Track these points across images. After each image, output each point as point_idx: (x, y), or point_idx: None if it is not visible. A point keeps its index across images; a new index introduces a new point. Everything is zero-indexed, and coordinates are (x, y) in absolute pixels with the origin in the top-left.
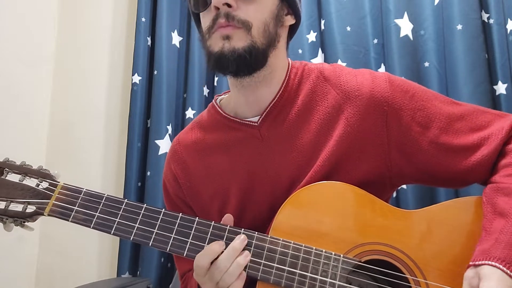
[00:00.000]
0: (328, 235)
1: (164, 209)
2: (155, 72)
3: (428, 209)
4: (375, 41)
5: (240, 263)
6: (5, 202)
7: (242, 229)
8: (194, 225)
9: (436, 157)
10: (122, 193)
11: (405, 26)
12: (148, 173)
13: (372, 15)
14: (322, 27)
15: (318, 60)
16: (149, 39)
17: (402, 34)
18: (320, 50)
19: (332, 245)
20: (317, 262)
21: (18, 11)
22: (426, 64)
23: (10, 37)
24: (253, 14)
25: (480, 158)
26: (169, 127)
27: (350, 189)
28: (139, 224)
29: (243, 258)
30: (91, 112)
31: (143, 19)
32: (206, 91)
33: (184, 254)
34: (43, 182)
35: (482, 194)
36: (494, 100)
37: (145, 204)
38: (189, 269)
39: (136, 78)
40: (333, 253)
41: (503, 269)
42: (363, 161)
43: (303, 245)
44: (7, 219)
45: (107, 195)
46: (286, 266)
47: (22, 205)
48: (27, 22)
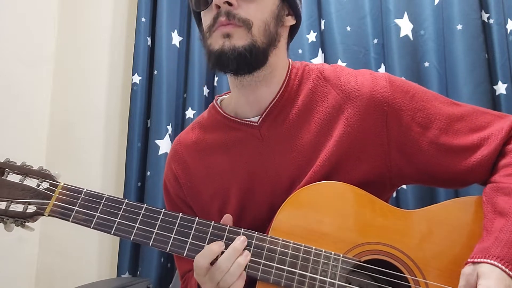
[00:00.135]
0: (328, 235)
1: (164, 209)
2: (155, 72)
3: (428, 209)
4: (375, 41)
5: (241, 263)
6: (6, 203)
7: (242, 229)
8: (194, 225)
9: (436, 158)
10: (122, 193)
11: (405, 26)
12: (148, 173)
13: (372, 15)
14: (322, 27)
15: (318, 60)
16: (149, 39)
17: (402, 34)
18: (320, 50)
19: (332, 245)
20: (317, 262)
21: (18, 11)
22: (426, 64)
23: (10, 37)
24: (254, 13)
25: (480, 159)
26: (169, 127)
27: (350, 189)
28: (139, 224)
29: (243, 258)
30: (91, 112)
31: (143, 19)
32: (206, 91)
33: (184, 254)
34: (44, 183)
35: (482, 194)
36: (494, 100)
37: (145, 204)
38: (190, 269)
39: (136, 78)
40: (333, 253)
41: (502, 268)
42: (363, 161)
43: (303, 245)
44: (8, 220)
45: (107, 195)
46: (286, 266)
47: (23, 206)
48: (27, 22)
